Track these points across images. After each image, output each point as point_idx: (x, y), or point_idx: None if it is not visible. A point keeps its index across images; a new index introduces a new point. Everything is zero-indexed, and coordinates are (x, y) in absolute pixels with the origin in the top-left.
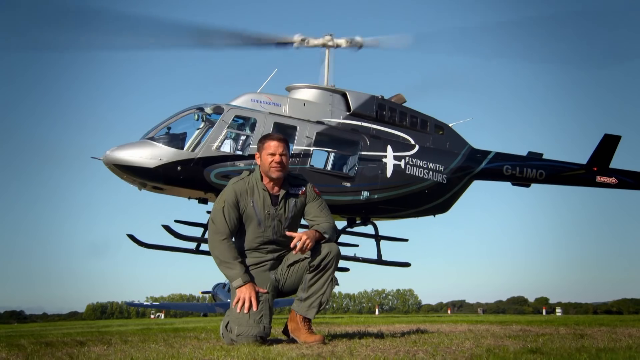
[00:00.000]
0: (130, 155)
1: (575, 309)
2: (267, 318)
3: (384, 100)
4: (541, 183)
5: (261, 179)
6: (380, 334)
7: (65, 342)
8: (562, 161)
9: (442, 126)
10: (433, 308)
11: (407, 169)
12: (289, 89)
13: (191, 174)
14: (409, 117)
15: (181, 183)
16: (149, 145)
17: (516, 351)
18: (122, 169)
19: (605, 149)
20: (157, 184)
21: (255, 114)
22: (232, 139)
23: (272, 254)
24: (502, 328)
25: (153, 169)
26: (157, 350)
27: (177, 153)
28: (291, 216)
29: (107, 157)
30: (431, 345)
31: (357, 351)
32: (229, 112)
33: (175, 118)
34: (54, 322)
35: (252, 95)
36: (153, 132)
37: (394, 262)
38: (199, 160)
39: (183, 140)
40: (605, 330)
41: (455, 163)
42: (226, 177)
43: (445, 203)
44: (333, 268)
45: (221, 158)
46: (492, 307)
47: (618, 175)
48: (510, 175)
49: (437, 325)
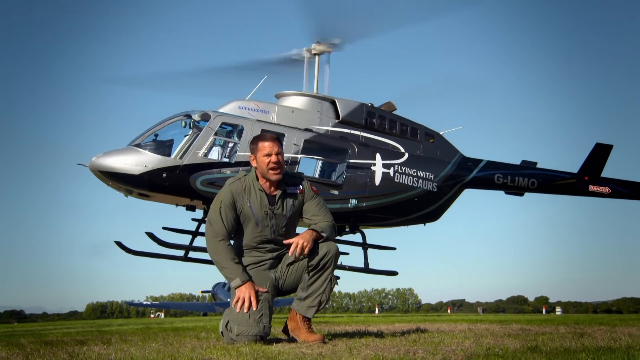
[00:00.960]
0: (116, 162)
1: (575, 308)
2: (266, 317)
3: (374, 108)
4: (533, 192)
5: (257, 179)
6: (380, 333)
7: (65, 342)
8: (555, 170)
9: (432, 134)
10: (433, 307)
11: (397, 177)
12: (278, 96)
13: (177, 181)
14: (399, 125)
15: (167, 190)
16: (135, 152)
17: (516, 350)
18: (107, 176)
19: (597, 158)
20: (142, 191)
21: (243, 121)
22: (219, 146)
23: (271, 253)
24: (502, 327)
25: (138, 175)
26: (157, 349)
27: (162, 160)
28: (289, 215)
29: (93, 163)
30: (431, 345)
31: (357, 350)
32: (216, 119)
33: (162, 125)
34: (54, 321)
35: (240, 102)
36: (140, 139)
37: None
38: (185, 167)
39: (170, 147)
40: (605, 329)
41: (446, 171)
42: (212, 184)
43: (435, 211)
44: (332, 267)
45: (207, 165)
46: (492, 307)
47: (612, 184)
48: (501, 184)
49: (437, 325)
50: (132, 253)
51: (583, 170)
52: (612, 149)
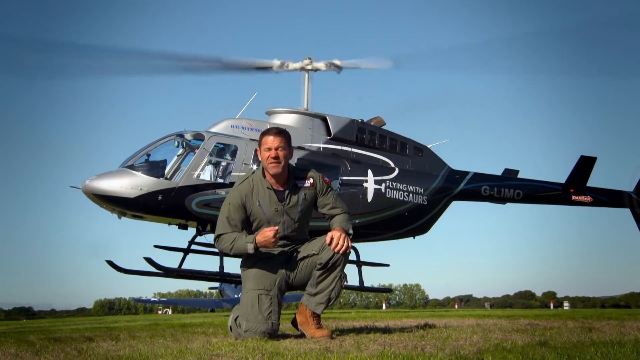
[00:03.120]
0: (110, 185)
1: (583, 303)
2: (275, 314)
3: (364, 123)
4: (518, 202)
5: (264, 176)
6: (388, 329)
7: (74, 338)
8: (540, 180)
9: (421, 148)
10: (440, 303)
11: (388, 192)
12: (269, 113)
13: (172, 203)
14: (389, 140)
15: (162, 212)
16: (129, 174)
17: (525, 345)
18: (101, 199)
19: (582, 170)
20: (137, 213)
21: (236, 141)
22: (214, 167)
23: (282, 248)
24: (510, 322)
25: (133, 199)
26: (165, 345)
27: (157, 182)
28: (300, 209)
29: (87, 186)
30: (439, 340)
31: (365, 345)
32: (210, 140)
33: (155, 145)
34: (62, 318)
35: (232, 121)
36: (132, 160)
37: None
38: (180, 189)
39: (163, 168)
40: (613, 323)
41: (435, 185)
42: (208, 205)
43: (425, 224)
44: (342, 266)
45: (202, 186)
46: (499, 302)
47: (593, 193)
48: (488, 195)
49: (445, 320)
50: (124, 272)
51: (568, 183)
52: (596, 161)
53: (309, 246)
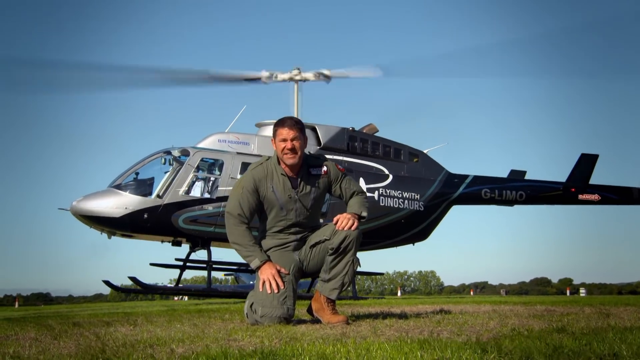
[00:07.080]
0: (96, 205)
1: (600, 289)
2: (290, 300)
3: (355, 132)
4: (522, 204)
5: (279, 163)
6: (404, 315)
7: (92, 323)
8: (542, 181)
9: (416, 153)
10: (455, 289)
11: (382, 200)
12: (258, 125)
13: (158, 220)
14: (382, 147)
15: (149, 230)
16: (115, 194)
17: (542, 330)
18: (89, 220)
19: (583, 168)
20: (125, 232)
21: (223, 155)
22: (201, 182)
23: (295, 235)
24: (526, 308)
25: (119, 218)
26: (182, 330)
27: (143, 201)
28: (313, 197)
29: (74, 208)
30: (455, 325)
31: (381, 331)
32: (195, 155)
33: (142, 163)
34: (80, 304)
35: (220, 136)
36: (120, 179)
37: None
38: (166, 206)
39: (150, 186)
40: (631, 309)
41: (432, 190)
42: (195, 221)
43: (423, 231)
44: (354, 250)
45: (189, 203)
46: (515, 289)
47: (601, 191)
48: (489, 198)
49: (461, 306)
50: (120, 291)
51: (569, 182)
52: (597, 158)
53: (320, 232)
